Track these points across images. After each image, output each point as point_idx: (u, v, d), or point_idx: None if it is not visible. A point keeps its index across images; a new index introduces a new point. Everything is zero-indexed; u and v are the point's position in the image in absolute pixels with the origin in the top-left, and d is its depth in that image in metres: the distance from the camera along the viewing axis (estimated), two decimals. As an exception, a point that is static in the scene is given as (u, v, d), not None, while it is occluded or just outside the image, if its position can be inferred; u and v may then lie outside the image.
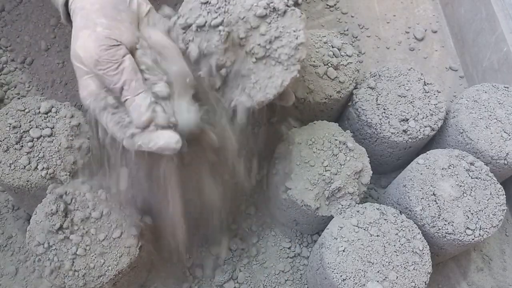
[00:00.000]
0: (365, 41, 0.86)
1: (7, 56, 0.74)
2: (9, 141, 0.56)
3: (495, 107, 0.65)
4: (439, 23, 0.90)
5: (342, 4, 0.89)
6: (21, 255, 0.63)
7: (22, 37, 0.75)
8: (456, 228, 0.55)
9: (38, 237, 0.50)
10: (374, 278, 0.51)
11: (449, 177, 0.58)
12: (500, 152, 0.62)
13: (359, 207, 0.56)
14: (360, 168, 0.58)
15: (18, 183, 0.55)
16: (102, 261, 0.50)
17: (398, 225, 0.55)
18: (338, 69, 0.66)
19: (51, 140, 0.57)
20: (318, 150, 0.59)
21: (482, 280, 0.68)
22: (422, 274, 0.52)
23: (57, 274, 0.49)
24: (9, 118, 0.57)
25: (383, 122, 0.63)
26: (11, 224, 0.65)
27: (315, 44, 0.67)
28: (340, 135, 0.60)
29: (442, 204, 0.56)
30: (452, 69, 0.85)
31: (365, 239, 0.53)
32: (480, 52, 0.80)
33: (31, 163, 0.55)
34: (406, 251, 0.53)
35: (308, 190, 0.57)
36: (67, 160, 0.57)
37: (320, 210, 0.57)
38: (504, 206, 0.57)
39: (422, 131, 0.63)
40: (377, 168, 0.69)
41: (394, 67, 0.68)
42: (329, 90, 0.65)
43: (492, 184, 0.58)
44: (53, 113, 0.58)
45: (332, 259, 0.52)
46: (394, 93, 0.65)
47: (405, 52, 0.86)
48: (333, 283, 0.52)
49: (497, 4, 0.76)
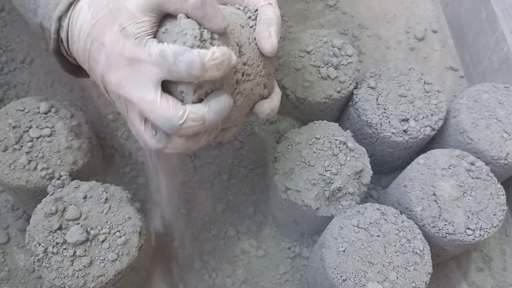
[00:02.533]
0: (365, 41, 0.86)
1: (7, 56, 0.74)
2: (8, 141, 0.56)
3: (496, 107, 0.65)
4: (439, 23, 0.90)
5: (342, 4, 0.88)
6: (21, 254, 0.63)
7: (22, 37, 0.75)
8: (457, 228, 0.55)
9: (38, 237, 0.50)
10: (374, 279, 0.51)
11: (449, 177, 0.58)
12: (500, 152, 0.62)
13: (360, 207, 0.56)
14: (360, 168, 0.58)
15: (18, 183, 0.55)
16: (102, 261, 0.50)
17: (398, 225, 0.54)
18: (338, 69, 0.66)
19: (51, 140, 0.57)
20: (318, 150, 0.59)
21: (482, 280, 0.68)
22: (422, 274, 0.52)
23: (57, 274, 0.49)
24: (9, 118, 0.57)
25: (383, 122, 0.63)
26: (11, 224, 0.65)
27: (315, 44, 0.67)
28: (340, 135, 0.60)
29: (443, 204, 0.56)
30: (452, 69, 0.85)
31: (366, 239, 0.53)
32: (480, 52, 0.80)
33: (30, 163, 0.55)
34: (406, 251, 0.53)
35: (308, 190, 0.57)
36: (67, 160, 0.56)
37: (320, 210, 0.57)
38: (504, 206, 0.57)
39: (422, 131, 0.63)
40: (377, 168, 0.69)
41: (394, 67, 0.67)
42: (329, 90, 0.65)
43: (492, 184, 0.58)
44: (53, 113, 0.58)
45: (333, 259, 0.52)
46: (395, 93, 0.65)
47: (405, 52, 0.86)
48: (334, 283, 0.52)
49: (497, 4, 0.76)
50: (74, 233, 0.50)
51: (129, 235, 0.51)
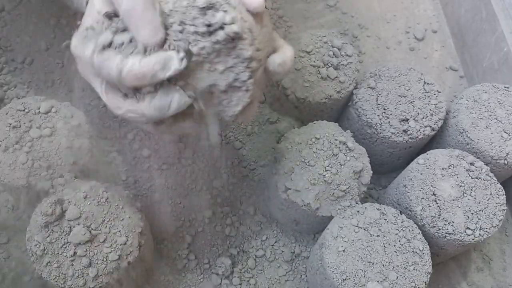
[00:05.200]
0: (365, 41, 0.86)
1: (7, 56, 0.74)
2: (9, 141, 0.56)
3: (495, 107, 0.65)
4: (439, 23, 0.90)
5: (342, 4, 0.88)
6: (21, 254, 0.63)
7: (22, 37, 0.75)
8: (456, 228, 0.55)
9: (37, 237, 0.50)
10: (374, 278, 0.51)
11: (449, 177, 0.58)
12: (500, 152, 0.62)
13: (359, 207, 0.56)
14: (360, 168, 0.58)
15: (18, 183, 0.55)
16: (102, 261, 0.50)
17: (398, 225, 0.55)
18: (338, 69, 0.66)
19: (51, 140, 0.57)
20: (318, 150, 0.59)
21: (482, 280, 0.68)
22: (422, 274, 0.52)
23: (57, 274, 0.49)
24: (9, 118, 0.57)
25: (383, 122, 0.63)
26: (11, 224, 0.65)
27: (315, 44, 0.67)
28: (340, 135, 0.60)
29: (442, 204, 0.56)
30: (452, 69, 0.85)
31: (365, 239, 0.53)
32: (480, 52, 0.80)
33: (30, 163, 0.55)
34: (406, 251, 0.53)
35: (308, 190, 0.57)
36: (67, 160, 0.56)
37: (320, 210, 0.57)
38: (504, 206, 0.57)
39: (422, 131, 0.63)
40: (377, 168, 0.69)
41: (394, 67, 0.67)
42: (329, 90, 0.65)
43: (492, 184, 0.58)
44: (53, 113, 0.58)
45: (332, 259, 0.52)
46: (394, 93, 0.65)
47: (405, 52, 0.86)
48: (333, 283, 0.52)
49: (497, 4, 0.76)
50: (77, 233, 0.50)
51: (129, 235, 0.51)
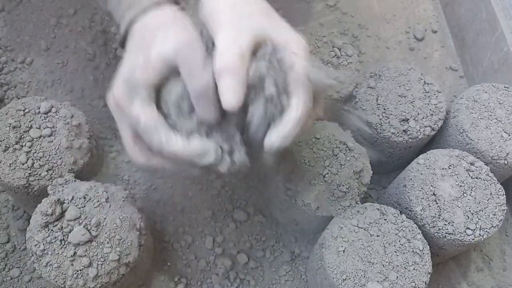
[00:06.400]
0: (365, 41, 0.86)
1: (7, 56, 0.74)
2: (9, 141, 0.56)
3: (495, 107, 0.65)
4: (439, 23, 0.90)
5: (342, 4, 0.88)
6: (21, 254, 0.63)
7: (22, 37, 0.75)
8: (456, 228, 0.55)
9: (38, 237, 0.50)
10: (374, 278, 0.51)
11: (449, 177, 0.58)
12: (500, 152, 0.62)
13: (359, 207, 0.56)
14: (360, 168, 0.58)
15: (18, 183, 0.55)
16: (102, 261, 0.50)
17: (398, 225, 0.55)
18: (338, 69, 0.66)
19: (51, 140, 0.57)
20: (318, 150, 0.59)
21: (482, 280, 0.68)
22: (422, 274, 0.52)
23: (57, 274, 0.49)
24: (9, 118, 0.57)
25: (383, 122, 0.63)
26: (11, 224, 0.65)
27: (315, 44, 0.67)
28: (340, 135, 0.60)
29: (442, 204, 0.56)
30: (452, 69, 0.85)
31: (365, 239, 0.53)
32: (480, 52, 0.80)
33: (31, 163, 0.55)
34: (406, 251, 0.53)
35: (308, 190, 0.57)
36: (67, 160, 0.57)
37: (320, 210, 0.57)
38: (504, 206, 0.57)
39: (422, 131, 0.63)
40: (377, 168, 0.69)
41: (394, 67, 0.67)
42: (329, 90, 0.65)
43: (492, 184, 0.58)
44: (53, 113, 0.58)
45: (332, 259, 0.52)
46: (394, 93, 0.65)
47: (405, 52, 0.86)
48: (333, 283, 0.52)
49: (497, 4, 0.76)
50: (77, 233, 0.50)
51: (129, 235, 0.51)
